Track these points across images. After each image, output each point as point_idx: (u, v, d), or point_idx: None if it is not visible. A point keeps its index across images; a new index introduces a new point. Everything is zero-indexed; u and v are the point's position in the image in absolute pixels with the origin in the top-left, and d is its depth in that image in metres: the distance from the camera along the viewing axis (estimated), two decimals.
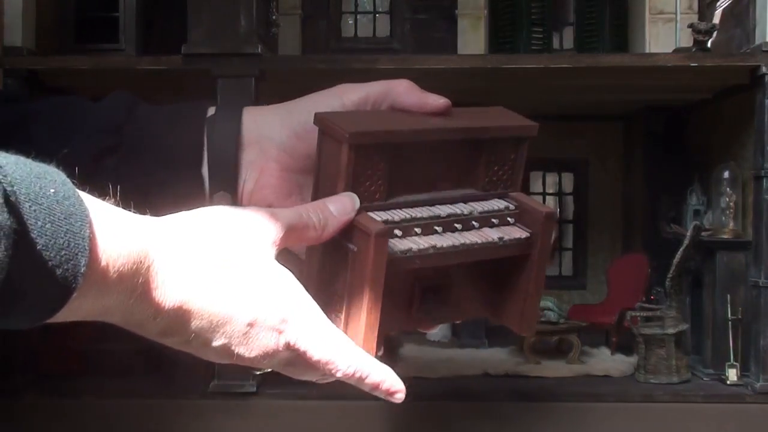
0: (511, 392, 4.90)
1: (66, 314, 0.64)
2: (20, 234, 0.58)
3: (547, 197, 7.20)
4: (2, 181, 0.57)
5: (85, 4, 5.62)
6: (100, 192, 0.67)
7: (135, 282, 0.68)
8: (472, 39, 6.59)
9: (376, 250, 0.88)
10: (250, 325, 0.77)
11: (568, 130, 7.13)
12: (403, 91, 1.02)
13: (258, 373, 1.02)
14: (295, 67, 5.60)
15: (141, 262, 0.69)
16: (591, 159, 7.35)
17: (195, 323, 0.75)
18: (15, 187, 0.58)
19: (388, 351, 5.73)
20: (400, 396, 0.91)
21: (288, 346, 0.79)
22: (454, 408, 4.81)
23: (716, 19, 5.38)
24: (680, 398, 4.79)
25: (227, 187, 1.01)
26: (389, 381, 0.91)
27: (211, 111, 1.16)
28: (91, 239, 0.63)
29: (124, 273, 0.67)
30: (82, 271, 0.62)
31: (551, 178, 7.25)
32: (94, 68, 5.10)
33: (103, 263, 0.64)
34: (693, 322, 5.37)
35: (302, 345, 0.81)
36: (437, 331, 6.55)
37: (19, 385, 5.06)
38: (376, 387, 0.89)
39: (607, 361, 5.45)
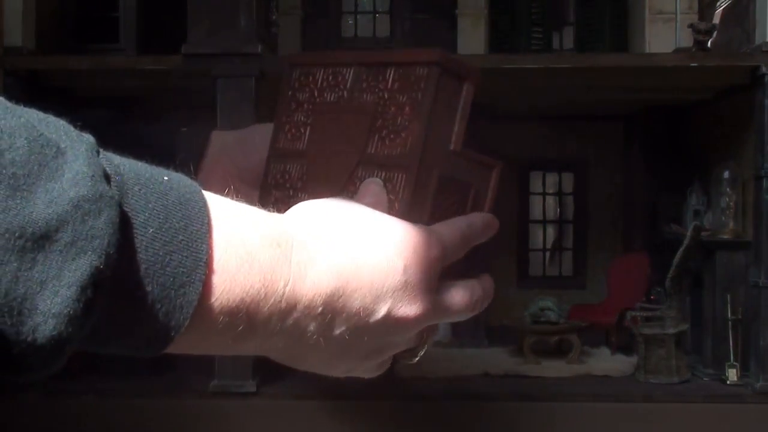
0: (511, 392, 4.90)
1: (197, 324, 0.56)
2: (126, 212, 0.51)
3: (547, 197, 7.21)
4: (107, 165, 0.52)
5: (85, 4, 5.63)
6: None
7: (276, 264, 0.58)
8: (472, 39, 6.59)
9: (497, 181, 0.88)
10: (405, 269, 0.69)
11: (568, 130, 7.13)
12: None
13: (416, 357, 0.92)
14: None
15: (279, 243, 0.59)
16: (591, 159, 7.35)
17: (356, 302, 0.66)
18: (121, 168, 0.53)
19: None
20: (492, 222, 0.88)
21: (442, 257, 0.74)
22: (454, 408, 4.81)
23: (716, 19, 5.38)
24: (680, 398, 4.79)
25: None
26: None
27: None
28: (209, 223, 0.55)
29: (262, 256, 0.57)
30: (204, 259, 0.53)
31: (551, 178, 7.24)
32: (94, 68, 5.10)
33: (234, 249, 0.55)
34: (693, 322, 5.36)
35: (450, 242, 0.76)
36: (437, 331, 6.52)
37: (19, 385, 5.06)
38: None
39: (607, 361, 5.45)
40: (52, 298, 0.49)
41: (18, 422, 4.82)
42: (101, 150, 0.55)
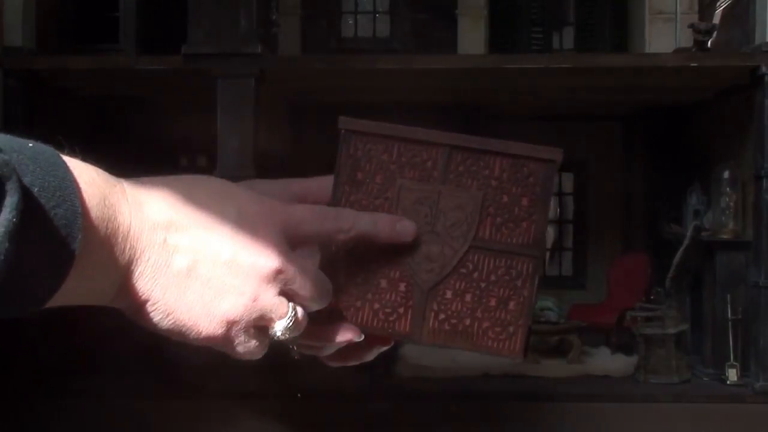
0: (511, 392, 4.91)
1: (81, 267, 0.63)
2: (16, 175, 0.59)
3: None
4: None
5: (85, 4, 5.63)
6: None
7: (120, 200, 0.67)
8: (472, 39, 6.59)
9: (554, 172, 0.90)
10: (240, 213, 0.73)
11: (568, 130, 7.13)
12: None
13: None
14: (295, 67, 5.60)
15: (115, 184, 0.69)
16: (591, 159, 7.35)
17: (192, 234, 0.71)
18: None
19: (388, 351, 5.73)
20: (405, 224, 0.87)
21: (284, 213, 0.75)
22: (454, 408, 4.81)
23: (716, 19, 5.38)
24: (680, 398, 4.79)
25: None
26: (388, 217, 0.86)
27: None
28: (75, 179, 0.64)
29: (111, 196, 0.67)
30: (78, 210, 0.62)
31: None
32: (94, 68, 5.09)
33: (91, 203, 0.65)
34: (693, 322, 5.37)
35: (297, 214, 0.77)
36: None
37: (19, 385, 5.06)
38: (387, 225, 0.84)
39: (607, 361, 5.45)
40: None
41: (18, 422, 4.83)
42: None
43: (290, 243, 0.77)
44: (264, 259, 0.73)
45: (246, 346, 0.77)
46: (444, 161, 0.92)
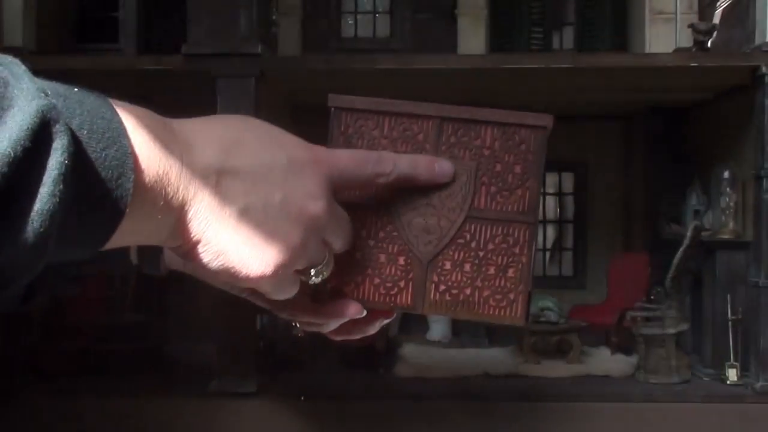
0: (511, 392, 4.90)
1: (136, 207, 0.63)
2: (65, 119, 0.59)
3: (547, 197, 7.21)
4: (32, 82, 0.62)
5: (85, 4, 5.63)
6: None
7: (170, 141, 0.67)
8: (472, 38, 6.59)
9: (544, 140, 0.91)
10: (290, 161, 0.75)
11: (568, 130, 7.12)
12: None
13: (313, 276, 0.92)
14: (295, 67, 5.60)
15: (165, 125, 0.69)
16: (591, 159, 7.35)
17: (244, 180, 0.72)
18: (42, 85, 0.62)
19: (388, 351, 5.74)
20: (444, 164, 0.89)
21: (329, 162, 0.77)
22: (454, 408, 4.81)
23: (716, 19, 5.38)
24: (680, 398, 4.79)
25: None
26: (426, 158, 0.89)
27: None
28: (121, 121, 0.65)
29: (161, 136, 0.67)
30: (128, 150, 0.63)
31: (551, 178, 7.24)
32: (94, 68, 5.10)
33: (141, 144, 0.65)
34: (693, 322, 5.37)
35: (342, 160, 0.79)
36: (437, 331, 6.56)
37: (19, 385, 5.06)
38: (426, 166, 0.86)
39: (607, 361, 5.45)
40: (36, 197, 0.57)
41: (18, 422, 4.83)
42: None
43: (334, 189, 0.79)
44: (312, 205, 0.76)
45: (286, 288, 0.79)
46: (435, 133, 0.93)
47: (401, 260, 0.91)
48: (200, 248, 0.73)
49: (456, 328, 6.91)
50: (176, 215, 0.69)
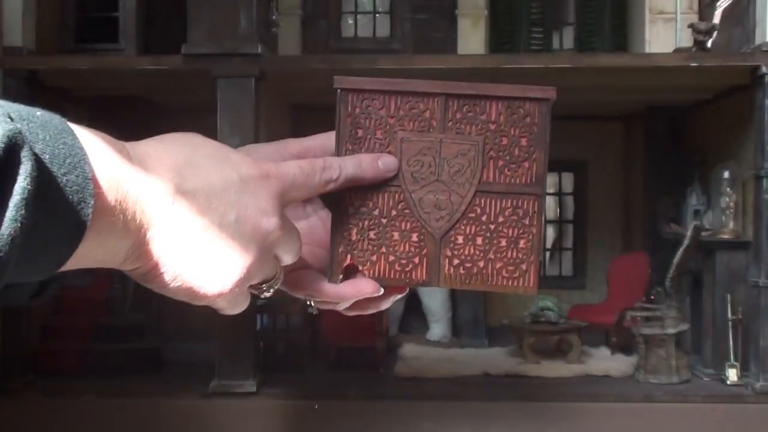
0: (511, 392, 4.91)
1: (94, 233, 0.65)
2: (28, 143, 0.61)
3: (547, 197, 7.23)
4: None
5: (85, 4, 5.63)
6: None
7: (126, 164, 0.70)
8: (472, 39, 6.59)
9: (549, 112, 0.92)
10: (241, 178, 0.77)
11: (568, 130, 7.13)
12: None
13: (266, 291, 0.95)
14: (295, 67, 5.60)
15: (121, 150, 0.71)
16: (591, 159, 7.35)
17: (199, 200, 0.75)
18: (7, 109, 0.62)
19: (388, 351, 5.74)
20: (386, 159, 0.92)
21: (278, 176, 0.80)
22: (454, 408, 4.81)
23: (716, 19, 5.38)
24: (680, 398, 4.79)
25: None
26: (369, 156, 0.92)
27: None
28: (82, 146, 0.66)
29: (117, 161, 0.70)
30: (89, 176, 0.64)
31: (551, 178, 7.24)
32: (94, 68, 5.09)
33: (101, 169, 0.67)
34: (693, 322, 5.37)
35: (290, 173, 0.82)
36: (437, 331, 6.57)
37: (19, 385, 5.06)
38: (370, 164, 0.89)
39: (607, 361, 5.45)
40: (2, 222, 0.59)
41: (18, 422, 4.83)
42: None
43: (285, 203, 0.81)
44: (266, 222, 0.78)
45: (240, 304, 0.80)
46: (441, 110, 0.94)
47: (414, 237, 0.92)
48: (157, 270, 0.74)
49: (456, 328, 6.92)
50: (133, 238, 0.71)
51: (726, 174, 5.21)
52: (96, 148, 0.68)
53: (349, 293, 0.90)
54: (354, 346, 5.48)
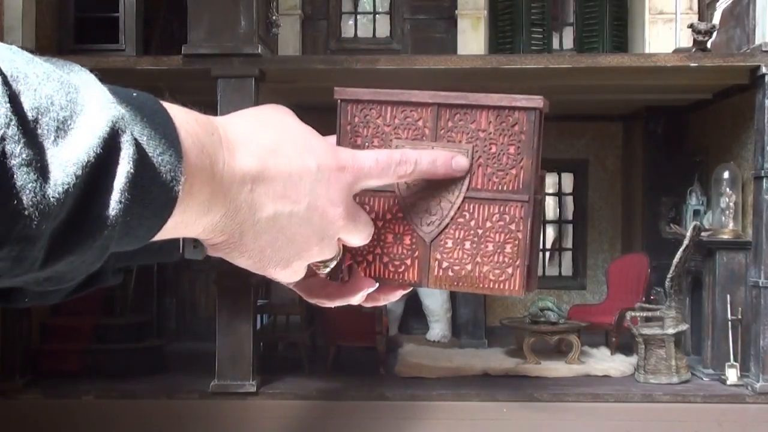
0: (511, 392, 4.91)
1: (181, 209, 0.71)
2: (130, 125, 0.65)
3: (547, 197, 7.23)
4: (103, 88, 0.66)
5: (85, 4, 5.63)
6: None
7: (215, 148, 0.75)
8: (472, 39, 6.59)
9: (541, 120, 0.95)
10: (319, 168, 0.83)
11: (568, 130, 7.13)
12: None
13: (328, 264, 1.02)
14: (295, 67, 5.60)
15: (212, 132, 0.76)
16: (591, 159, 7.36)
17: (276, 187, 0.80)
18: (109, 93, 0.66)
19: (388, 351, 5.74)
20: (459, 159, 0.97)
21: (353, 169, 0.86)
22: (454, 408, 4.82)
23: (716, 19, 5.38)
24: (680, 398, 4.79)
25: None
26: (444, 154, 0.98)
27: None
28: (175, 127, 0.70)
29: (207, 143, 0.74)
30: (181, 155, 0.69)
31: (551, 178, 7.24)
32: (94, 68, 5.06)
33: (191, 150, 0.71)
34: (693, 322, 5.37)
35: (366, 165, 0.87)
36: (437, 331, 6.57)
37: (19, 385, 5.07)
38: (444, 162, 0.96)
39: (607, 361, 5.45)
40: (109, 204, 0.64)
41: (18, 422, 4.83)
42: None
43: (356, 191, 0.87)
44: (332, 211, 0.84)
45: (297, 276, 0.87)
46: (433, 119, 0.99)
47: (407, 240, 0.97)
48: (228, 245, 0.81)
49: (456, 328, 6.92)
50: (213, 215, 0.77)
51: (726, 174, 5.21)
52: (187, 129, 0.72)
53: (350, 292, 0.95)
54: (354, 346, 5.48)
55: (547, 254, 7.57)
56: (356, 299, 0.96)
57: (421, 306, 6.40)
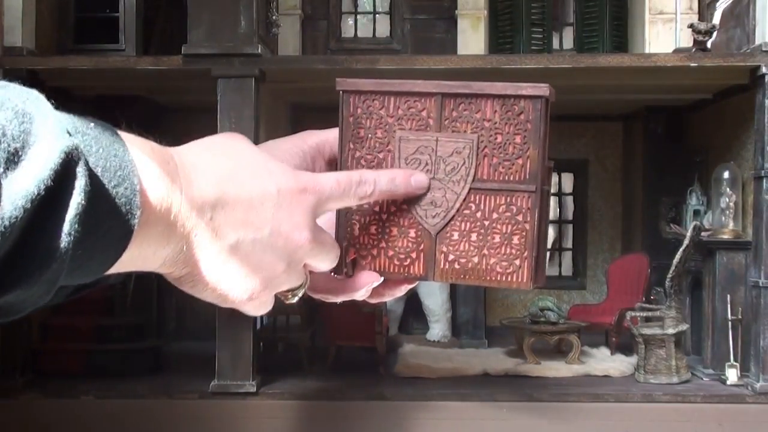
0: (511, 392, 4.91)
1: (138, 244, 0.69)
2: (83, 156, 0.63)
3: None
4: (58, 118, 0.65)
5: (85, 4, 5.63)
6: None
7: (173, 176, 0.73)
8: (472, 39, 6.59)
9: (547, 108, 0.93)
10: (279, 192, 0.81)
11: (568, 130, 7.13)
12: None
13: (295, 294, 0.98)
14: (295, 67, 5.60)
15: (168, 161, 0.74)
16: (591, 159, 7.36)
17: (236, 214, 0.78)
18: (65, 123, 0.65)
19: (388, 351, 5.74)
20: (418, 177, 0.95)
21: (315, 191, 0.83)
22: (454, 408, 4.82)
23: (716, 19, 5.38)
24: (680, 398, 4.79)
25: None
26: (402, 173, 0.95)
27: None
28: (132, 159, 0.69)
29: (165, 172, 0.73)
30: (137, 188, 0.67)
31: (551, 179, 7.24)
32: (94, 68, 5.09)
33: (148, 181, 0.70)
34: (693, 322, 5.37)
35: (327, 187, 0.85)
36: (437, 331, 6.57)
37: (19, 385, 5.07)
38: (403, 181, 0.93)
39: (607, 361, 5.45)
40: (58, 237, 0.62)
41: (18, 422, 4.83)
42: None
43: (319, 214, 0.85)
44: (297, 236, 0.82)
45: (265, 308, 0.85)
46: (437, 109, 0.97)
47: (412, 233, 0.95)
48: (191, 276, 0.78)
49: (456, 328, 6.92)
50: (173, 247, 0.74)
51: (726, 174, 5.21)
52: (144, 160, 0.70)
53: (354, 288, 0.93)
54: (354, 346, 5.48)
55: (548, 254, 7.55)
56: (361, 294, 0.93)
57: (421, 306, 6.40)
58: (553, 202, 7.39)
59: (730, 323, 4.88)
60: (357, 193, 0.87)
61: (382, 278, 0.94)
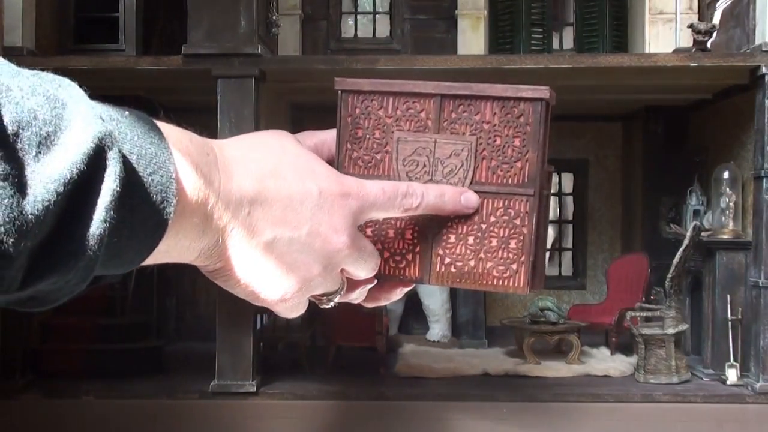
0: (511, 392, 4.91)
1: (172, 234, 0.67)
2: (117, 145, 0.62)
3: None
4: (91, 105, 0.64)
5: (85, 4, 5.63)
6: None
7: (210, 168, 0.71)
8: (472, 39, 6.59)
9: (548, 111, 0.91)
10: (321, 193, 0.78)
11: (568, 130, 7.13)
12: None
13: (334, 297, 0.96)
14: (295, 67, 5.61)
15: (208, 152, 0.73)
16: (591, 159, 7.36)
17: (274, 211, 0.76)
18: (98, 110, 0.64)
19: (388, 351, 5.74)
20: (469, 196, 0.92)
21: (358, 197, 0.81)
22: (454, 408, 4.82)
23: (716, 19, 5.38)
24: (680, 398, 4.79)
25: None
26: (452, 189, 0.92)
27: None
28: (169, 147, 0.67)
29: (202, 163, 0.71)
30: (173, 176, 0.66)
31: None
32: (94, 68, 5.10)
33: (185, 171, 0.68)
34: (693, 322, 5.37)
35: (371, 194, 0.82)
36: (437, 331, 6.57)
37: (19, 385, 5.07)
38: (452, 198, 0.90)
39: (607, 361, 5.45)
40: (93, 223, 0.61)
41: (18, 422, 4.83)
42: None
43: (360, 221, 0.83)
44: (336, 240, 0.79)
45: (298, 310, 0.83)
46: (436, 110, 0.95)
47: (408, 234, 0.93)
48: (225, 271, 0.76)
49: (456, 328, 6.92)
50: (208, 240, 0.73)
51: (726, 174, 5.21)
52: (182, 149, 0.69)
53: (350, 290, 0.90)
54: (354, 346, 5.48)
55: (547, 254, 7.56)
56: (354, 296, 0.92)
57: (421, 306, 6.40)
58: (553, 202, 7.38)
59: (730, 323, 4.89)
60: (402, 204, 0.85)
61: (376, 280, 0.92)
